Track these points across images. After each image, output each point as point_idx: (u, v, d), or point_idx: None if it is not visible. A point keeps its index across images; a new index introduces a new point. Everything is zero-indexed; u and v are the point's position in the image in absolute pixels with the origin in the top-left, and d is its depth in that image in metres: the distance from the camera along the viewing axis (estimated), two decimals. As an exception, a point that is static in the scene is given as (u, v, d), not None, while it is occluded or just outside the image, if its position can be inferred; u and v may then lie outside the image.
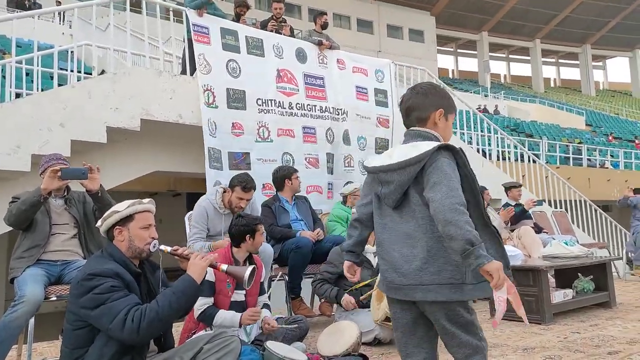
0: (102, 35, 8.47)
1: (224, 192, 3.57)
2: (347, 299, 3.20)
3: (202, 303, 2.69)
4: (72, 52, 5.47)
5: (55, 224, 2.79)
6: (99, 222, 2.10)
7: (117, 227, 2.02)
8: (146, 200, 2.14)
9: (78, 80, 4.86)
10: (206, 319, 2.70)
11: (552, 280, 4.25)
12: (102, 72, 6.18)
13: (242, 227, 2.87)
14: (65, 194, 2.91)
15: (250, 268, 2.11)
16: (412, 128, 1.74)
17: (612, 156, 17.18)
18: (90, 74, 5.50)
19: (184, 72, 5.19)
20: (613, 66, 55.87)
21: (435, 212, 1.49)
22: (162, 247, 2.10)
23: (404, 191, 1.60)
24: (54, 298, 2.65)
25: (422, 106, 1.71)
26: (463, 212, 1.46)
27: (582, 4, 36.49)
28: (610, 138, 23.10)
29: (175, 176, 7.51)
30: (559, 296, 3.83)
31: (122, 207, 2.05)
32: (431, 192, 1.51)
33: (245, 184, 3.44)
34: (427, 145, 1.58)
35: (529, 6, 35.81)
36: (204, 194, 3.98)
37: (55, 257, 2.76)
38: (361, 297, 3.21)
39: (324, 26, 6.13)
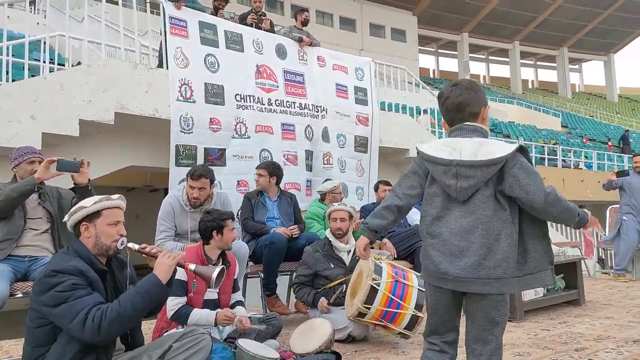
0: (78, 26, 8.28)
1: None
2: (321, 302, 3.20)
3: (175, 303, 2.64)
4: (44, 42, 5.33)
5: (29, 218, 2.73)
6: (65, 217, 2.05)
7: (84, 223, 1.97)
8: (115, 196, 2.08)
9: (51, 72, 4.74)
10: (180, 318, 2.66)
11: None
12: (79, 63, 6.04)
13: (208, 222, 2.83)
14: (40, 188, 2.84)
15: (218, 268, 2.07)
16: (467, 123, 1.78)
17: (586, 157, 17.60)
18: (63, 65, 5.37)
19: (160, 65, 5.11)
20: (589, 69, 57.28)
21: (536, 199, 1.64)
22: (130, 244, 2.04)
23: (479, 187, 1.68)
24: (20, 295, 2.58)
25: (474, 101, 1.78)
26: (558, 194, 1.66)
27: (560, 8, 37.24)
28: (584, 140, 23.64)
29: (152, 171, 7.40)
30: (530, 294, 3.90)
31: (89, 203, 1.99)
32: (527, 187, 1.65)
33: (193, 171, 3.35)
34: (504, 145, 1.69)
35: (508, 8, 36.39)
36: None
37: (23, 252, 2.69)
38: (331, 299, 3.19)
39: (305, 23, 6.11)
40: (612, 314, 3.81)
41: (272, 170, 4.21)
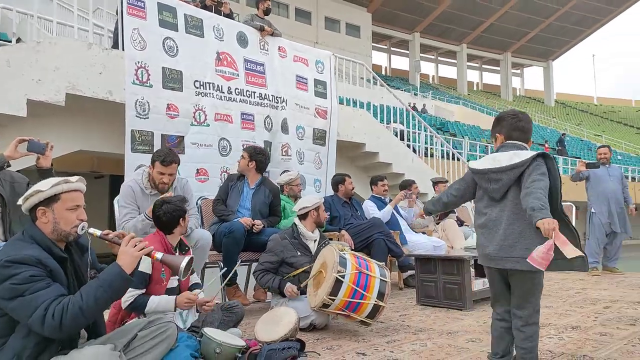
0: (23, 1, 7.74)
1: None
2: (289, 287, 3.22)
3: (130, 294, 2.55)
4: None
5: None
6: (20, 200, 1.90)
7: (41, 207, 1.85)
8: (74, 178, 1.95)
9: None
10: (137, 308, 2.57)
11: (471, 270, 4.54)
12: (18, 40, 5.66)
13: (174, 212, 2.77)
14: (7, 165, 2.68)
15: (187, 258, 2.03)
16: (511, 141, 2.23)
17: (525, 158, 18.56)
18: (9, 41, 5.02)
19: (115, 46, 4.90)
20: (529, 74, 60.42)
21: (527, 192, 2.01)
22: (92, 230, 1.94)
23: (508, 187, 2.13)
24: (-33, 283, 2.41)
25: (529, 132, 2.29)
26: (542, 194, 1.99)
27: (506, 14, 38.96)
28: (524, 141, 24.92)
29: (99, 156, 7.09)
30: (479, 284, 4.11)
31: (46, 186, 1.86)
32: (530, 183, 2.04)
33: (163, 157, 3.28)
34: (527, 154, 2.10)
35: (458, 11, 37.62)
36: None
37: (-32, 238, 2.52)
38: (302, 284, 3.25)
39: (267, 12, 6.04)
40: (551, 303, 4.09)
41: (253, 154, 4.13)
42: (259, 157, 4.14)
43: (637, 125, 46.06)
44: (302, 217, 3.51)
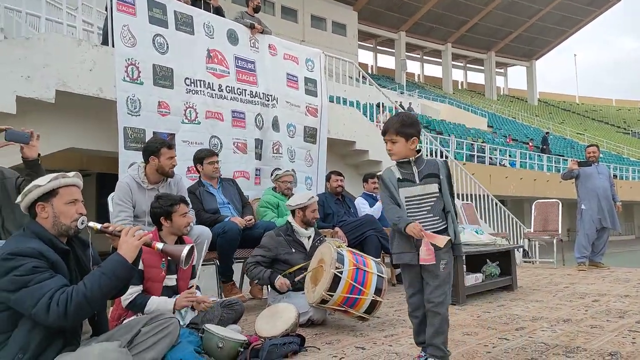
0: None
1: (146, 165, 3.43)
2: (281, 280, 3.23)
3: (129, 292, 2.54)
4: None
5: None
6: (19, 198, 1.91)
7: (40, 203, 1.86)
8: (72, 173, 1.98)
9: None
10: (136, 307, 2.57)
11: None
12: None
13: (156, 209, 2.77)
14: None
15: (188, 247, 2.06)
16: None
17: (510, 156, 18.87)
18: (-6, 36, 4.92)
19: (105, 43, 4.84)
20: (513, 74, 61.14)
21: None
22: (91, 223, 1.96)
23: None
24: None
25: None
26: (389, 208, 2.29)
27: (490, 13, 39.37)
28: (508, 139, 25.30)
29: (88, 154, 7.00)
30: (471, 279, 4.17)
31: (44, 182, 1.88)
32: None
33: (166, 142, 3.49)
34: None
35: (443, 10, 37.90)
36: (117, 174, 3.79)
37: (-37, 236, 2.48)
38: (296, 278, 3.26)
39: (257, 9, 6.04)
40: (541, 297, 4.17)
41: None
42: (209, 159, 4.27)
43: (617, 124, 47.06)
44: (293, 213, 3.54)
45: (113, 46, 4.49)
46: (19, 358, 1.66)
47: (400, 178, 2.26)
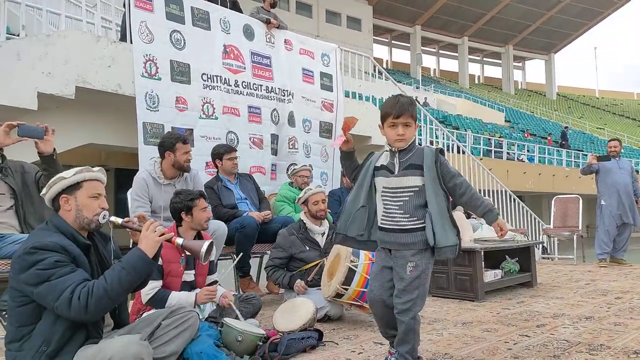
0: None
1: (162, 160, 3.46)
2: (298, 284, 3.23)
3: (150, 287, 2.57)
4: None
5: None
6: (43, 190, 1.94)
7: (64, 195, 1.88)
8: (96, 168, 2.00)
9: None
10: (157, 302, 2.59)
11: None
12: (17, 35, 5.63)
13: (176, 204, 2.79)
14: (1, 162, 2.66)
15: (207, 242, 2.06)
16: None
17: (528, 151, 18.59)
18: (15, 35, 5.00)
19: (123, 39, 4.88)
20: (531, 68, 60.23)
21: None
22: (113, 218, 1.97)
23: None
24: (-12, 273, 2.43)
25: None
26: None
27: (507, 6, 38.73)
28: (526, 134, 24.93)
29: (107, 150, 7.09)
30: (490, 276, 4.12)
31: (69, 174, 1.90)
32: None
33: (182, 137, 3.51)
34: None
35: (460, 3, 37.41)
36: (135, 169, 3.82)
37: (-13, 229, 2.52)
38: (308, 278, 3.25)
39: (273, 5, 6.01)
40: (562, 294, 4.10)
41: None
42: (229, 155, 4.28)
43: (638, 119, 45.99)
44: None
45: (131, 42, 4.53)
46: (43, 350, 1.68)
47: (378, 166, 2.09)
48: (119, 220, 1.99)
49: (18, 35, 4.80)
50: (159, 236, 1.89)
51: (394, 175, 2.04)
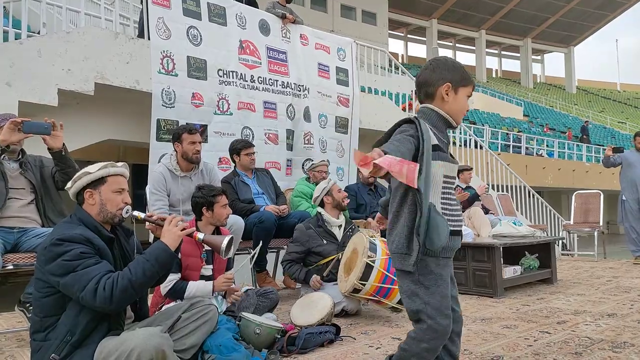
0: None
1: (177, 153, 3.50)
2: (314, 279, 3.24)
3: (169, 279, 2.60)
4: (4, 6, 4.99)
5: (11, 187, 2.60)
6: (68, 184, 1.98)
7: (88, 189, 1.92)
8: (120, 163, 2.04)
9: (16, 38, 4.47)
10: (177, 293, 2.62)
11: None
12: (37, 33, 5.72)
13: (198, 199, 2.80)
14: (20, 157, 2.70)
15: (228, 237, 2.07)
16: (422, 105, 1.65)
17: (547, 146, 18.28)
18: (35, 33, 5.08)
19: (140, 36, 4.93)
20: (550, 61, 59.14)
21: None
22: (136, 213, 2.01)
23: None
24: (11, 267, 2.48)
25: (429, 81, 1.62)
26: None
27: (526, -2, 38.03)
28: (545, 129, 24.51)
29: (125, 145, 7.18)
30: (509, 272, 4.07)
31: (94, 169, 1.94)
32: None
33: (189, 128, 3.51)
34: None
35: (478, -4, 36.87)
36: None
37: (11, 223, 2.57)
38: (324, 274, 3.25)
39: (289, 0, 6.00)
40: (583, 291, 4.03)
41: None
42: (246, 150, 4.27)
43: (661, 112, 44.87)
44: (322, 204, 3.52)
45: (149, 39, 4.57)
46: (68, 339, 1.71)
47: (436, 145, 1.52)
48: (142, 215, 2.02)
49: (39, 33, 4.87)
50: (181, 230, 1.91)
51: (453, 160, 1.61)
